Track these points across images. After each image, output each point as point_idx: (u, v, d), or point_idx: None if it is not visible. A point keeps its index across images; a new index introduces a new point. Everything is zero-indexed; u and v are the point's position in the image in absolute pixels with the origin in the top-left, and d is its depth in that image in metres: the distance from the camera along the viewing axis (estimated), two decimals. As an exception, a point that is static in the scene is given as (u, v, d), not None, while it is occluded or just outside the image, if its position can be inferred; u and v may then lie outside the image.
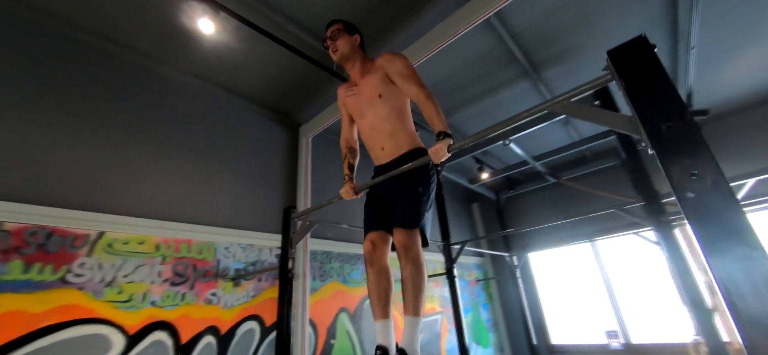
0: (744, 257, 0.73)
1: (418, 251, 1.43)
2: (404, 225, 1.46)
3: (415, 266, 1.40)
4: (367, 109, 1.70)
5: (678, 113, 0.87)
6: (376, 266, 1.52)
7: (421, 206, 1.51)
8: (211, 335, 2.45)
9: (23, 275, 1.82)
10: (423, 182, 1.56)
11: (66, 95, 2.24)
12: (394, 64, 1.63)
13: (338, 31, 1.72)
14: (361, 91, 1.74)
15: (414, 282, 1.38)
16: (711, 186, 0.79)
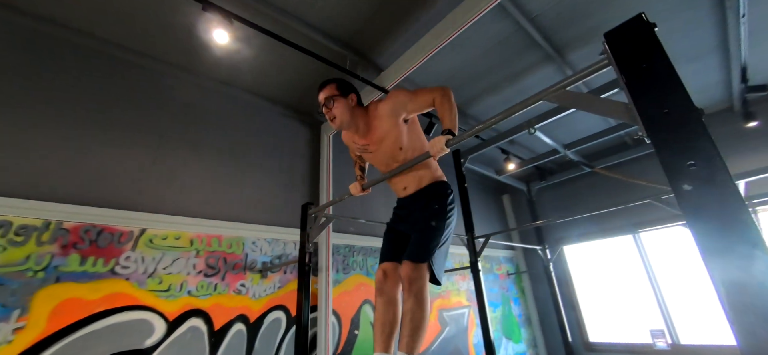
0: (744, 256, 0.66)
1: (422, 287, 1.38)
2: (412, 258, 1.42)
3: (417, 301, 1.35)
4: (391, 162, 1.67)
5: (677, 98, 0.80)
6: (385, 297, 1.50)
7: (433, 240, 1.47)
8: (241, 323, 2.64)
9: (80, 267, 2.09)
10: (437, 216, 1.53)
11: (110, 108, 2.50)
12: (398, 97, 1.58)
13: (332, 98, 1.61)
14: (378, 149, 1.67)
15: (412, 317, 1.33)
16: (710, 178, 0.72)
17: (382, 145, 1.64)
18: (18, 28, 2.28)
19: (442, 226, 1.51)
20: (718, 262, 0.68)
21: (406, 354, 1.30)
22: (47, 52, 2.36)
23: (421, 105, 1.56)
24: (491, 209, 5.75)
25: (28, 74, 2.25)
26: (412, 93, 1.57)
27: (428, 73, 3.12)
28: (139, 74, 2.71)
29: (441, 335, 3.94)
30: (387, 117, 1.59)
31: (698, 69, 3.19)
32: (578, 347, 4.64)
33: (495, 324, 4.65)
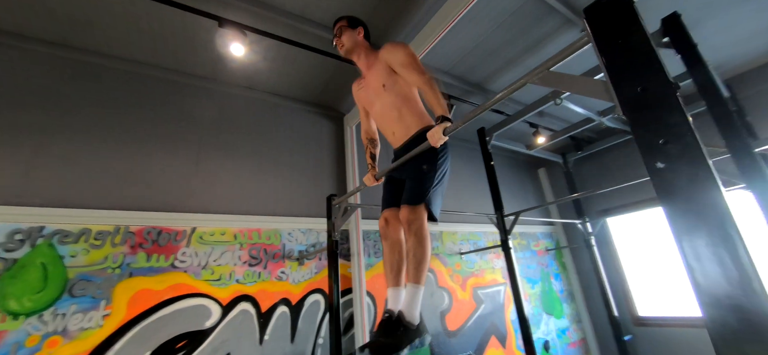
0: (712, 237, 0.66)
1: (420, 225, 1.51)
2: (408, 202, 1.55)
3: (417, 238, 1.48)
4: (375, 99, 1.81)
5: (652, 75, 0.78)
6: (390, 240, 1.66)
7: (425, 183, 1.58)
8: (284, 306, 2.92)
9: (147, 263, 2.47)
10: (428, 160, 1.61)
11: (153, 123, 2.84)
12: (394, 54, 1.69)
13: (341, 28, 1.84)
14: (367, 84, 1.85)
15: (415, 253, 1.47)
16: (681, 155, 0.72)
17: (371, 80, 1.81)
18: (70, 62, 2.65)
19: (434, 167, 1.61)
20: (688, 241, 0.69)
21: (414, 283, 1.47)
22: (95, 79, 2.72)
23: (408, 78, 1.66)
24: (526, 184, 5.57)
25: (87, 103, 2.63)
26: (408, 63, 1.64)
27: (441, 55, 3.09)
28: (174, 89, 3.01)
29: (476, 312, 4.00)
30: (382, 60, 1.75)
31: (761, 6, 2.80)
32: (626, 322, 4.42)
33: (534, 300, 4.59)
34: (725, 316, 0.63)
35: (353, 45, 1.83)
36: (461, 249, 4.23)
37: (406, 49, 1.68)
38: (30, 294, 2.08)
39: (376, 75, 1.78)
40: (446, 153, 1.69)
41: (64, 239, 2.25)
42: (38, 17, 2.36)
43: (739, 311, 0.61)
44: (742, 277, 0.61)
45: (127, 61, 2.81)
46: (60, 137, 2.45)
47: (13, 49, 2.46)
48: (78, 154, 2.47)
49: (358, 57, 1.86)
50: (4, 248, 2.08)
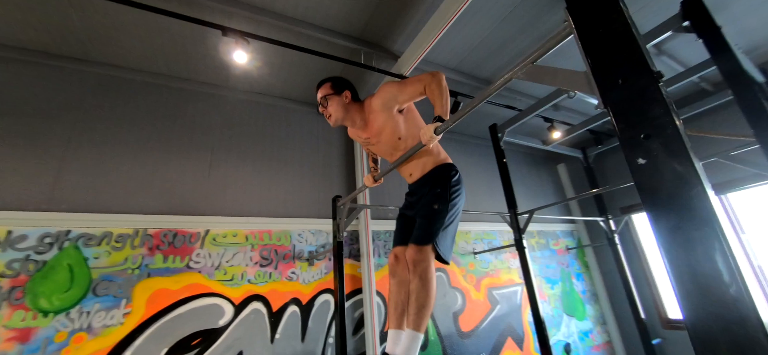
0: (693, 239, 0.61)
1: (426, 267, 1.43)
2: (415, 241, 1.48)
3: (422, 281, 1.41)
4: (394, 152, 1.74)
5: (634, 65, 0.73)
6: (398, 278, 1.60)
7: (435, 224, 1.50)
8: (294, 305, 2.98)
9: (163, 264, 2.59)
10: (440, 200, 1.55)
11: (168, 131, 2.97)
12: (389, 92, 1.61)
13: (327, 97, 1.67)
14: (379, 141, 1.74)
15: (417, 297, 1.41)
16: (663, 150, 0.67)
17: (381, 137, 1.71)
18: (92, 75, 2.83)
19: (445, 208, 1.54)
20: (669, 243, 0.64)
21: (413, 330, 1.40)
22: (114, 91, 2.88)
23: (411, 95, 1.58)
24: (544, 181, 5.37)
25: (108, 114, 2.79)
26: (402, 84, 1.60)
27: (447, 52, 3.04)
28: (186, 98, 3.14)
29: (491, 313, 3.91)
30: (380, 111, 1.64)
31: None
32: (655, 324, 4.17)
33: (553, 301, 4.42)
34: (708, 323, 0.58)
35: (343, 114, 1.67)
36: (475, 248, 4.15)
37: (393, 81, 1.64)
38: (58, 293, 2.23)
39: (383, 126, 1.67)
40: (460, 191, 1.62)
41: (88, 241, 2.41)
42: (62, 36, 2.53)
43: (721, 320, 0.56)
44: (726, 284, 0.56)
45: (142, 73, 2.96)
46: (85, 147, 2.62)
47: (41, 66, 2.66)
48: (101, 163, 2.63)
49: (353, 122, 1.72)
50: (36, 250, 2.25)
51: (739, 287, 0.54)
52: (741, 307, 0.53)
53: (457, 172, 1.66)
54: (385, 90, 1.62)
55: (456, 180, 1.62)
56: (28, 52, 2.62)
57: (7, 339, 2.06)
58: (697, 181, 0.62)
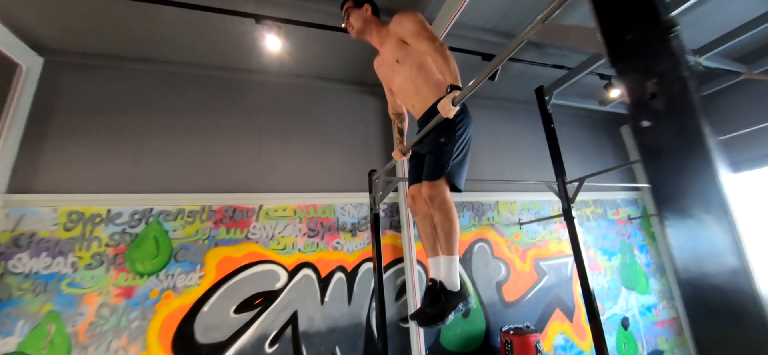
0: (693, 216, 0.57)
1: (443, 199, 1.49)
2: (428, 177, 1.53)
3: (442, 212, 1.48)
4: (392, 74, 1.81)
5: (642, 14, 0.67)
6: (419, 214, 1.67)
7: (444, 156, 1.54)
8: (341, 272, 3.23)
9: (227, 235, 2.97)
10: (446, 132, 1.56)
11: (222, 117, 3.29)
12: (403, 26, 1.64)
13: (348, 10, 1.80)
14: (384, 60, 1.84)
15: (443, 227, 1.48)
16: (670, 111, 0.61)
17: (385, 56, 1.79)
18: (155, 73, 3.21)
19: (453, 139, 1.55)
20: (670, 214, 0.60)
21: (447, 255, 1.50)
22: (174, 85, 3.25)
23: (419, 47, 1.59)
24: (604, 146, 4.88)
25: (170, 106, 3.18)
26: (417, 32, 1.58)
27: (483, 12, 2.86)
28: (235, 86, 3.42)
29: (538, 284, 3.80)
30: (393, 34, 1.71)
31: None
32: (736, 302, 3.70)
33: (610, 273, 4.14)
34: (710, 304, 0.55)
35: (363, 25, 1.79)
36: (521, 219, 4.00)
37: (414, 17, 1.62)
38: (149, 259, 2.72)
39: (389, 50, 1.75)
40: (465, 122, 1.61)
41: (167, 217, 2.85)
42: (127, 41, 2.91)
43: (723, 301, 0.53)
44: (727, 259, 0.52)
45: (196, 66, 3.29)
46: (156, 136, 3.04)
47: (115, 69, 3.10)
48: (170, 149, 3.05)
49: (371, 35, 1.82)
50: (129, 225, 2.75)
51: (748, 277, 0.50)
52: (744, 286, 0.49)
53: (462, 106, 1.62)
54: (407, 23, 1.62)
55: (462, 113, 1.59)
56: (102, 57, 3.06)
57: (116, 295, 2.59)
58: (703, 150, 0.56)
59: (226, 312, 2.77)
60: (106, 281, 2.59)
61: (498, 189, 4.01)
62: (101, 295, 2.56)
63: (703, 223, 0.55)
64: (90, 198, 2.74)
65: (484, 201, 3.92)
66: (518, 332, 3.02)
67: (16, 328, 2.38)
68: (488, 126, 4.28)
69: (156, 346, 2.55)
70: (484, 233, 3.78)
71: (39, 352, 2.38)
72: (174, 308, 2.67)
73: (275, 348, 2.81)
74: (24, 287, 2.46)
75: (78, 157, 2.82)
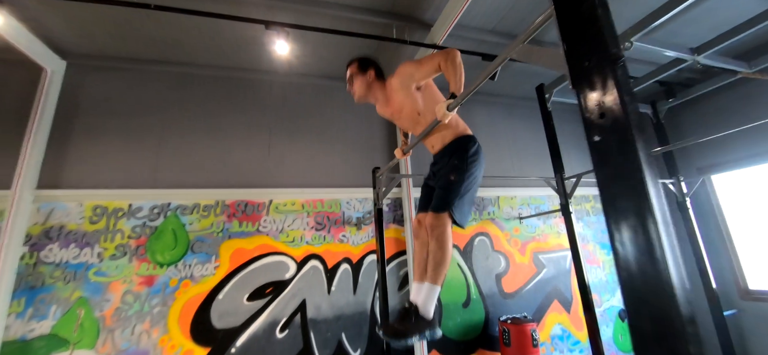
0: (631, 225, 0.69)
1: (442, 232, 1.60)
2: (433, 209, 1.64)
3: (438, 243, 1.58)
4: (415, 126, 1.89)
5: (598, 47, 0.79)
6: (420, 240, 1.79)
7: (451, 193, 1.64)
8: (346, 264, 3.40)
9: (239, 228, 3.15)
10: (457, 170, 1.67)
11: (234, 116, 3.46)
12: (407, 72, 1.73)
13: (352, 76, 1.89)
14: (400, 117, 1.90)
15: (435, 256, 1.59)
16: (613, 130, 0.75)
17: (402, 113, 1.87)
18: (172, 75, 3.38)
19: (462, 178, 1.66)
20: (612, 214, 0.73)
21: (431, 283, 1.61)
22: (189, 85, 3.42)
23: (427, 72, 1.69)
24: (606, 140, 4.94)
25: (186, 105, 3.35)
26: (418, 63, 1.71)
27: (483, 13, 2.96)
28: (245, 86, 3.58)
29: (537, 276, 3.93)
30: (399, 90, 1.79)
31: None
32: (731, 295, 3.77)
33: (609, 267, 4.24)
34: (637, 284, 0.69)
35: (365, 91, 1.87)
36: (521, 214, 4.12)
37: (410, 61, 1.73)
38: (168, 251, 2.91)
39: (403, 103, 1.82)
40: (478, 161, 1.71)
41: (183, 211, 3.04)
42: (145, 44, 3.08)
43: (645, 282, 0.67)
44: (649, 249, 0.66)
45: (208, 67, 3.45)
46: (173, 135, 3.22)
47: (134, 71, 3.28)
48: (186, 147, 3.23)
49: (375, 98, 1.91)
50: (149, 218, 2.94)
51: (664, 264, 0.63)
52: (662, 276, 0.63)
53: (475, 143, 1.75)
54: (402, 70, 1.76)
55: (474, 151, 1.71)
56: (121, 60, 3.25)
57: (138, 283, 2.79)
58: (637, 162, 0.69)
59: (240, 300, 2.97)
60: (129, 270, 2.80)
61: (499, 184, 4.13)
62: (125, 283, 2.77)
63: (634, 220, 0.69)
64: (113, 193, 2.94)
65: (485, 196, 4.04)
66: (515, 321, 3.17)
67: (49, 312, 2.60)
68: (490, 122, 4.38)
69: (176, 330, 2.76)
70: (485, 227, 3.92)
71: (71, 334, 2.60)
72: (192, 296, 2.87)
73: (285, 334, 3.00)
74: (55, 275, 2.68)
75: (101, 154, 3.01)
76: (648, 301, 0.65)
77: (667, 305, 0.62)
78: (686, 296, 0.62)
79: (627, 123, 0.71)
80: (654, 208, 0.66)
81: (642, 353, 0.64)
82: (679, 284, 0.62)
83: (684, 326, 0.60)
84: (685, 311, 0.60)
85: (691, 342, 0.59)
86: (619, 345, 3.94)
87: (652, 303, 0.64)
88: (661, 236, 0.65)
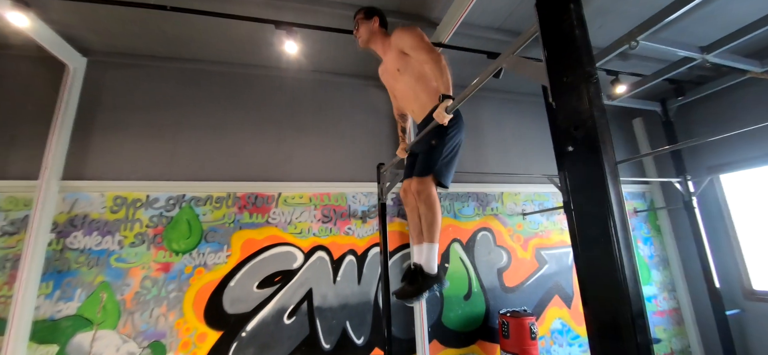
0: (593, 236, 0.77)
1: (429, 194, 1.73)
2: (417, 174, 1.78)
3: (427, 205, 1.72)
4: (393, 82, 2.03)
5: (574, 65, 0.86)
6: (409, 206, 1.92)
7: (433, 156, 1.76)
8: (352, 255, 3.52)
9: (250, 219, 3.30)
10: (437, 135, 1.78)
11: (244, 112, 3.58)
12: (403, 40, 1.84)
13: (358, 21, 2.06)
14: (385, 68, 2.06)
15: (426, 218, 1.73)
16: (584, 142, 0.82)
17: (388, 65, 2.01)
18: (186, 71, 3.51)
19: (442, 143, 1.78)
20: (579, 218, 0.81)
21: (428, 242, 1.74)
22: (202, 82, 3.55)
23: (419, 58, 1.80)
24: (614, 138, 4.90)
25: (199, 100, 3.49)
26: (416, 45, 1.79)
27: (490, 11, 2.98)
28: (255, 82, 3.69)
29: (538, 271, 3.99)
30: (394, 47, 1.92)
31: None
32: (734, 295, 3.77)
33: (611, 264, 4.27)
34: (595, 280, 0.77)
35: (369, 35, 2.03)
36: (524, 210, 4.17)
37: (413, 31, 1.81)
38: (183, 239, 3.08)
39: (391, 60, 1.97)
40: (457, 126, 1.81)
41: (197, 202, 3.20)
42: (160, 41, 3.21)
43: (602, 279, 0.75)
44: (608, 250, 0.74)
45: (220, 64, 3.57)
46: (188, 130, 3.37)
47: (150, 68, 3.42)
48: (200, 141, 3.38)
49: (375, 45, 2.06)
50: (165, 209, 3.11)
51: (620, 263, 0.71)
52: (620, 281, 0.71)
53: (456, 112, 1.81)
54: (403, 36, 1.84)
55: (454, 118, 1.78)
56: (138, 57, 3.38)
57: (156, 269, 2.97)
58: (602, 171, 0.77)
59: (250, 287, 3.13)
60: (147, 257, 2.98)
61: (503, 181, 4.17)
62: (144, 269, 2.95)
63: (596, 223, 0.76)
64: (131, 185, 3.11)
65: (489, 192, 4.10)
66: (514, 314, 3.25)
67: (75, 295, 2.80)
68: (495, 118, 4.41)
69: (191, 314, 2.93)
70: (488, 222, 3.98)
71: (94, 315, 2.80)
72: (205, 282, 3.04)
73: (293, 320, 3.16)
74: (80, 260, 2.87)
75: (120, 148, 3.18)
76: (604, 296, 0.73)
77: (620, 300, 0.70)
78: (638, 293, 0.70)
79: (596, 136, 0.78)
80: (615, 213, 0.74)
81: (597, 340, 0.73)
82: (632, 282, 0.70)
83: (634, 319, 0.68)
84: (635, 305, 0.68)
85: (639, 332, 0.67)
86: (620, 341, 3.98)
87: (607, 297, 0.72)
88: (619, 239, 0.73)
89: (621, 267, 0.71)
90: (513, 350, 3.12)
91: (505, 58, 1.14)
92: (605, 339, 0.71)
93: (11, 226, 2.84)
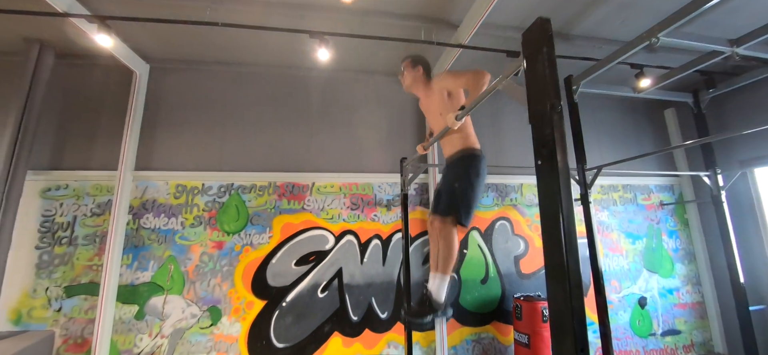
0: (555, 219, 1.03)
1: (448, 232, 1.91)
2: (440, 213, 1.97)
3: (445, 242, 1.90)
4: (433, 121, 2.27)
5: (545, 96, 1.10)
6: (432, 237, 2.11)
7: (454, 199, 1.93)
8: (377, 240, 3.88)
9: (288, 206, 3.74)
10: (460, 179, 1.96)
11: (282, 109, 3.98)
12: (444, 82, 2.06)
13: (405, 67, 2.28)
14: (428, 110, 2.30)
15: (443, 253, 1.91)
16: (548, 158, 1.07)
17: (430, 109, 2.26)
18: (230, 73, 3.95)
19: (464, 187, 1.95)
20: (545, 218, 1.07)
21: (441, 273, 1.95)
22: (245, 82, 3.97)
23: (459, 84, 2.00)
24: (643, 130, 4.83)
25: (243, 99, 3.93)
26: (455, 75, 2.00)
27: (512, 10, 3.09)
28: (291, 81, 4.06)
29: (556, 261, 4.13)
30: (435, 91, 2.13)
31: None
32: (762, 290, 3.71)
33: (632, 256, 4.31)
34: (551, 264, 1.03)
35: (412, 82, 2.25)
36: (544, 201, 4.29)
37: (450, 72, 2.05)
38: (232, 222, 3.58)
39: (436, 103, 2.15)
40: (479, 176, 1.97)
41: (244, 190, 3.68)
42: (207, 46, 3.63)
43: (556, 263, 1.01)
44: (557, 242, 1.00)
45: (261, 66, 3.98)
46: (234, 126, 3.83)
47: (200, 71, 3.90)
48: (245, 135, 3.84)
49: (418, 90, 2.28)
50: (217, 196, 3.62)
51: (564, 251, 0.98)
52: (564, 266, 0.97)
53: (479, 160, 2.02)
54: (441, 75, 2.08)
55: (476, 164, 1.98)
56: (191, 62, 3.86)
57: (211, 247, 3.50)
58: (556, 182, 1.02)
59: (289, 264, 3.59)
60: (204, 236, 3.51)
61: (523, 173, 4.31)
62: (202, 246, 3.49)
63: (552, 221, 1.02)
64: (189, 175, 3.63)
65: (509, 183, 4.27)
66: (528, 298, 3.47)
67: (149, 266, 3.39)
68: (516, 111, 4.51)
69: (241, 285, 3.45)
70: (506, 212, 4.17)
71: (165, 283, 3.38)
72: (251, 259, 3.53)
73: (325, 294, 3.60)
74: (152, 237, 3.45)
75: (179, 142, 3.71)
76: (556, 276, 1.00)
77: (565, 278, 0.96)
78: (577, 276, 0.96)
79: (554, 155, 1.03)
80: (563, 214, 1.00)
81: (553, 306, 1.00)
82: (573, 267, 0.96)
83: (572, 292, 0.94)
84: (574, 283, 0.95)
85: (574, 297, 0.94)
86: (636, 330, 4.08)
87: (558, 277, 0.99)
88: (562, 236, 0.99)
89: (564, 254, 0.97)
90: (525, 331, 3.36)
91: (502, 82, 1.38)
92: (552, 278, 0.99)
93: (98, 208, 3.46)
